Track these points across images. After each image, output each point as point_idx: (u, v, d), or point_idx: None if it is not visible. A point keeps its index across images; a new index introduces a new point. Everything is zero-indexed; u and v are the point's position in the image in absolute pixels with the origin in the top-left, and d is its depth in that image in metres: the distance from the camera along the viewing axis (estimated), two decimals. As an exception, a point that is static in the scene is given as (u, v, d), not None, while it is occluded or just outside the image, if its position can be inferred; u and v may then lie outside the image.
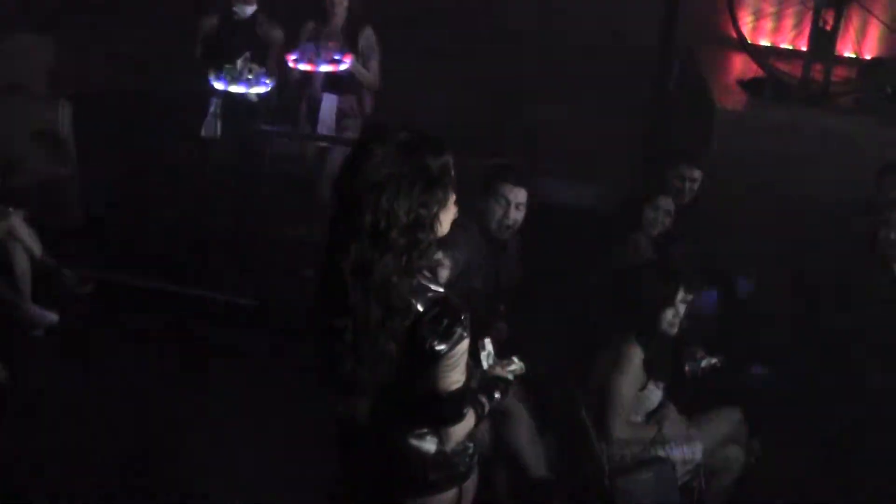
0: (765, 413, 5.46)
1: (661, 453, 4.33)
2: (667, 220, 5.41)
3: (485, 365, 3.26)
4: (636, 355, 4.26)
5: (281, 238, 6.51)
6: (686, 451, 4.39)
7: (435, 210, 2.76)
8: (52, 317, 5.72)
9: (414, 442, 2.96)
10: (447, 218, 2.84)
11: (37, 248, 5.81)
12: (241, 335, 5.97)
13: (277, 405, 5.29)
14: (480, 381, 3.19)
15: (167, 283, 6.30)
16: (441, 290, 2.82)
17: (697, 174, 5.71)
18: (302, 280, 6.17)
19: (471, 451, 3.08)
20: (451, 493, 3.05)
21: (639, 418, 4.36)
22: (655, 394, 4.37)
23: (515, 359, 3.30)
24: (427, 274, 2.85)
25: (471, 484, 3.11)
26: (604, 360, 4.36)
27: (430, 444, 2.97)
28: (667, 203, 5.41)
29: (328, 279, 2.80)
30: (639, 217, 5.44)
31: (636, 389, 4.29)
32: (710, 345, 5.16)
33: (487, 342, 3.30)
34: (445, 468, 3.01)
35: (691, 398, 4.70)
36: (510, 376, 3.25)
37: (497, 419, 4.38)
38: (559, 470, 4.53)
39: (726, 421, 4.60)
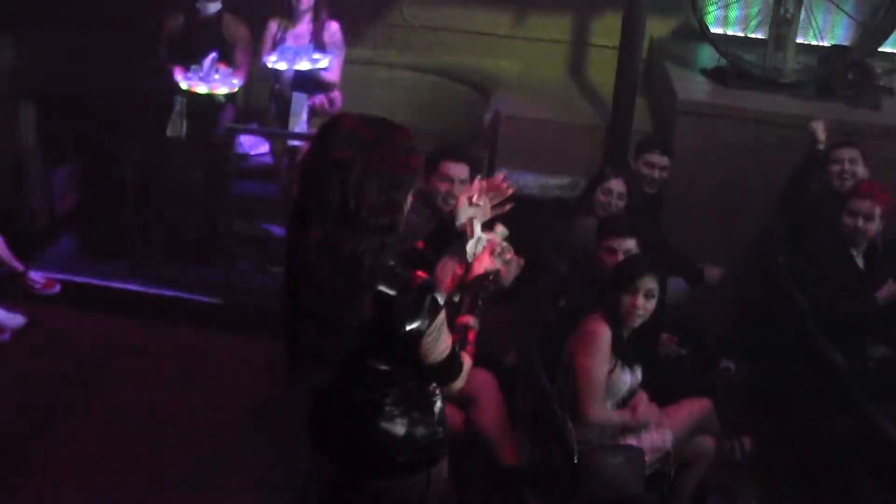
0: (735, 404, 5.54)
1: (631, 440, 4.33)
2: (619, 204, 5.41)
3: (472, 253, 3.20)
4: (603, 334, 4.23)
5: (247, 236, 6.49)
6: (656, 440, 4.36)
7: (405, 190, 2.77)
8: (20, 319, 5.69)
9: (384, 425, 2.98)
10: (409, 200, 2.86)
11: (3, 251, 5.77)
12: (208, 334, 5.96)
13: (247, 403, 5.29)
14: (463, 293, 3.20)
15: (134, 284, 6.28)
16: (408, 271, 2.83)
17: (665, 161, 5.72)
18: (270, 277, 6.19)
19: (440, 436, 3.10)
20: (420, 478, 3.06)
21: (609, 404, 4.33)
22: (624, 378, 4.33)
23: (499, 228, 3.26)
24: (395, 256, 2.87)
25: (441, 469, 3.13)
26: (571, 340, 4.34)
27: (399, 427, 2.99)
28: (619, 186, 5.41)
29: (293, 256, 2.81)
30: (591, 201, 5.45)
31: (606, 371, 4.25)
32: (678, 334, 5.20)
33: (476, 225, 3.22)
34: (413, 452, 3.03)
35: (663, 389, 4.72)
36: (498, 262, 3.20)
37: (469, 408, 4.41)
38: (529, 457, 4.55)
39: (697, 411, 4.57)
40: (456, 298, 3.20)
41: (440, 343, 2.86)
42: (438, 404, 3.11)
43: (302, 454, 3.37)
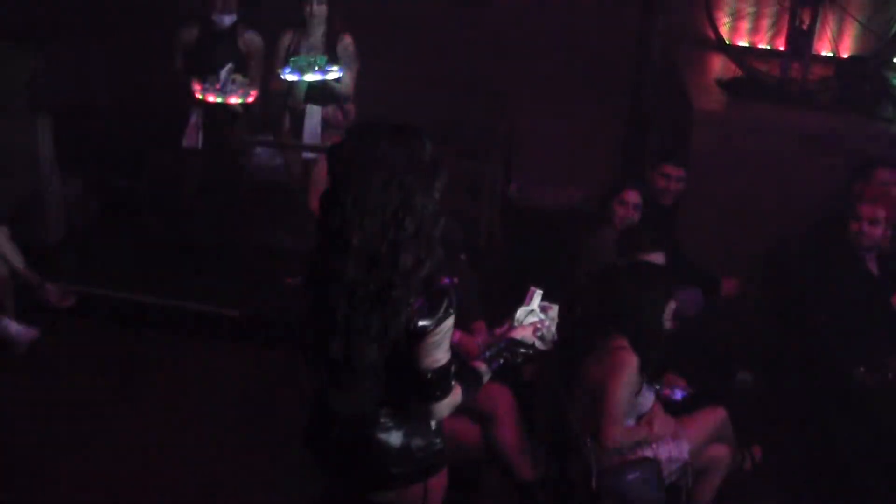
0: (752, 415, 5.51)
1: (647, 453, 4.31)
2: (636, 215, 5.39)
3: (520, 319, 3.30)
4: (632, 363, 4.19)
5: (264, 248, 6.49)
6: (672, 450, 4.36)
7: (438, 228, 2.82)
8: (34, 332, 5.69)
9: (381, 436, 2.99)
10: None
11: (19, 263, 5.77)
12: (224, 345, 5.96)
13: (261, 414, 5.29)
14: (495, 346, 3.24)
15: (150, 296, 6.29)
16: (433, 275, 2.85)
17: (682, 173, 5.71)
18: (285, 290, 6.18)
19: (437, 447, 3.09)
20: (417, 489, 3.07)
21: (631, 421, 4.32)
22: (648, 397, 4.35)
23: (551, 311, 3.36)
24: None
25: (439, 480, 3.13)
26: (595, 365, 4.29)
27: (395, 439, 3.00)
28: (634, 197, 5.40)
29: (323, 292, 2.83)
30: (607, 212, 5.44)
31: (632, 396, 4.25)
32: (692, 346, 5.17)
33: (538, 294, 3.33)
34: (408, 463, 3.04)
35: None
36: (538, 342, 3.28)
37: (486, 422, 4.39)
38: (547, 471, 4.53)
39: (711, 420, 4.57)
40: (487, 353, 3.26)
41: (439, 350, 2.86)
42: None
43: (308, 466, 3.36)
